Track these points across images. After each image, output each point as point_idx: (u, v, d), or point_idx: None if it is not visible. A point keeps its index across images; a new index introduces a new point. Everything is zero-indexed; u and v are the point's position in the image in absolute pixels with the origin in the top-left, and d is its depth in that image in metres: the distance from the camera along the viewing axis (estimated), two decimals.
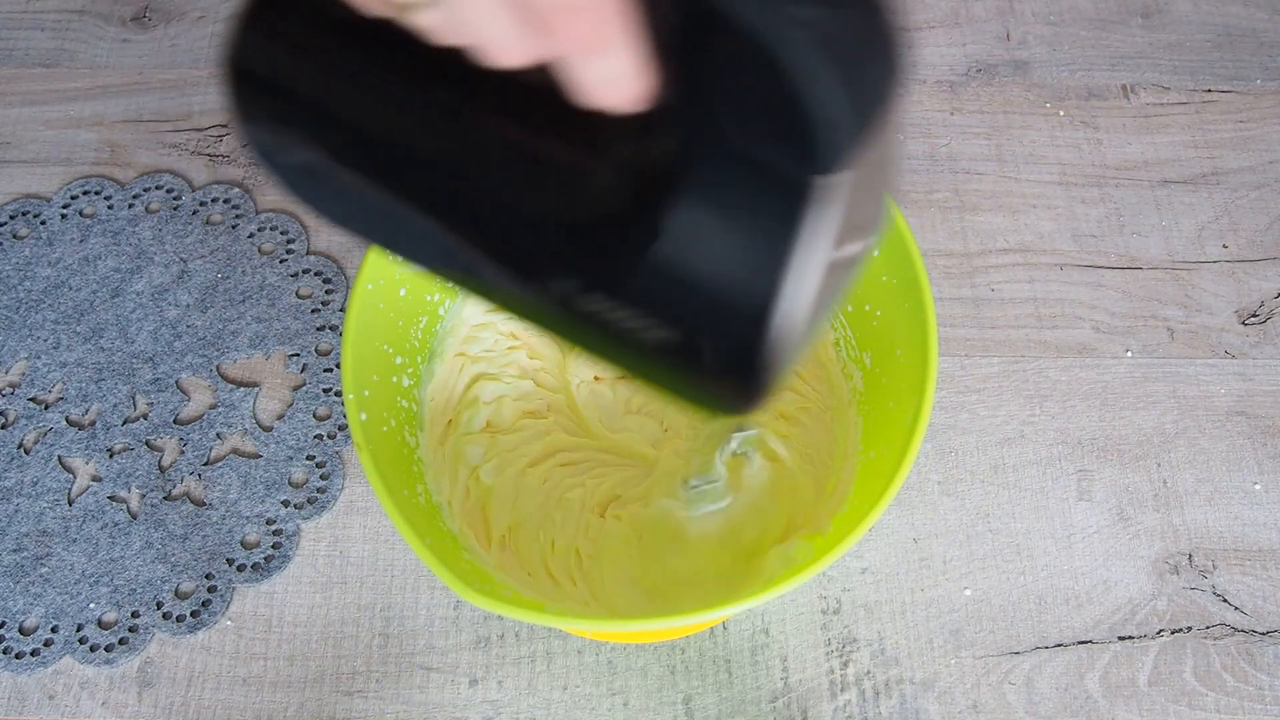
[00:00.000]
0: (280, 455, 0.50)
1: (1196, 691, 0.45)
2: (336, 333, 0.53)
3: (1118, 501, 0.49)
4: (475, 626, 0.46)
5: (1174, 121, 0.61)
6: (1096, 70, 0.63)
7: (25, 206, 0.57)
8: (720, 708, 0.45)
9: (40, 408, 0.51)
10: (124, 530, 0.48)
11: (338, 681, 0.45)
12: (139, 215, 0.56)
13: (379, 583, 0.47)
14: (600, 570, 0.42)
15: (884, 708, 0.45)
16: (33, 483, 0.49)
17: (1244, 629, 0.47)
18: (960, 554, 0.48)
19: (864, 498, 0.38)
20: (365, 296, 0.40)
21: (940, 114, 0.61)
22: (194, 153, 0.59)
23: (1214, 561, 0.48)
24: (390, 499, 0.35)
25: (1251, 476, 0.50)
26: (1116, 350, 0.53)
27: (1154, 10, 0.65)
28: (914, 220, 0.57)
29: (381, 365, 0.41)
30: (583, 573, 0.42)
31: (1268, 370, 0.53)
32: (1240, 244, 0.57)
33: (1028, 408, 0.52)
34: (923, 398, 0.37)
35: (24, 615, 0.46)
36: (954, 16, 0.65)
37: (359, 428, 0.37)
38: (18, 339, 0.53)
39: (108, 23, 0.64)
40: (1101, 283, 0.55)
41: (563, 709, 0.45)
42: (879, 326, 0.42)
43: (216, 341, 0.53)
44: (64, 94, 0.61)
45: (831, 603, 0.47)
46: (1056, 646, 0.46)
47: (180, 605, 0.46)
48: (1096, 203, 0.58)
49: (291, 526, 0.48)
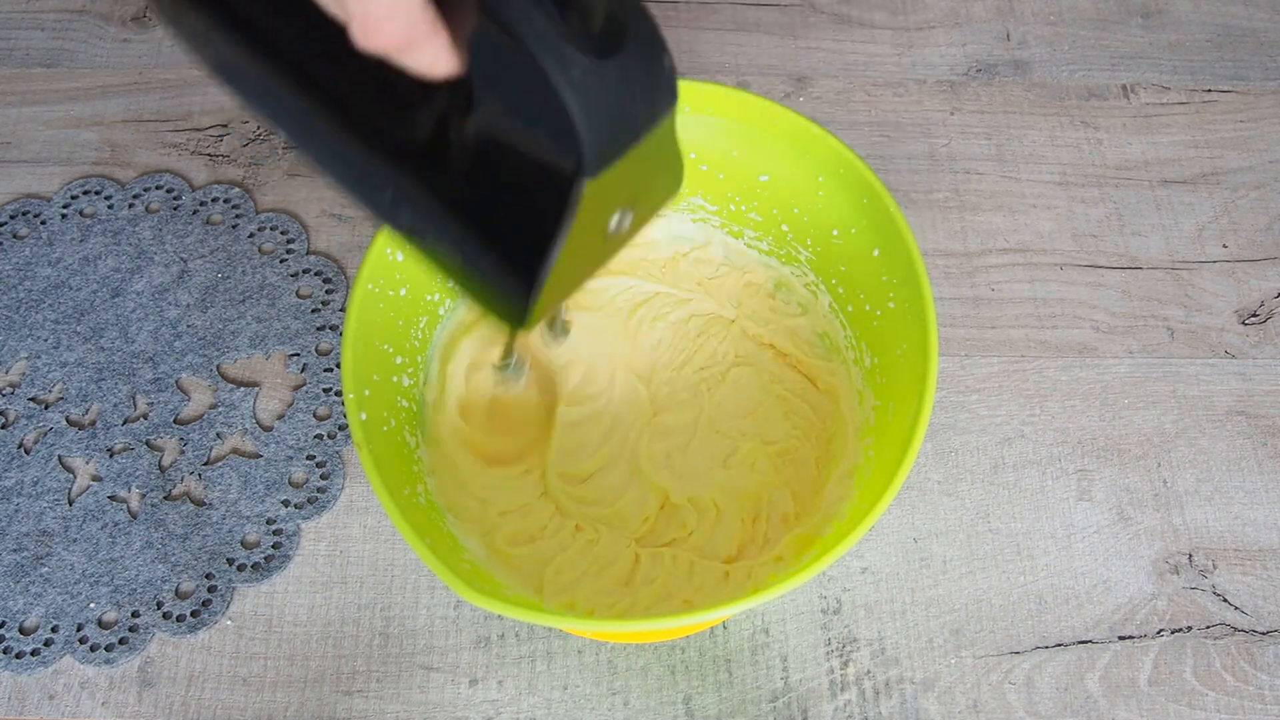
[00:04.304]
0: (280, 455, 0.50)
1: (1197, 691, 0.45)
2: (336, 332, 0.53)
3: (1118, 501, 0.49)
4: (475, 626, 0.46)
5: (1174, 121, 0.61)
6: (1096, 70, 0.63)
7: (25, 206, 0.57)
8: (720, 707, 0.45)
9: (40, 407, 0.51)
10: (124, 530, 0.48)
11: (338, 681, 0.45)
12: (139, 215, 0.56)
13: (379, 583, 0.47)
14: None
15: (884, 708, 0.45)
16: (33, 482, 0.49)
17: (1244, 629, 0.47)
18: (960, 554, 0.48)
19: (864, 498, 0.38)
20: (365, 296, 0.40)
21: (940, 114, 0.61)
22: (194, 153, 0.59)
23: (1214, 561, 0.48)
24: (390, 499, 0.35)
25: (1251, 476, 0.50)
26: (1116, 350, 0.53)
27: (1154, 10, 0.65)
28: (914, 220, 0.57)
29: (381, 365, 0.41)
30: None
31: (1268, 370, 0.53)
32: (1240, 244, 0.57)
33: (1028, 408, 0.52)
34: (923, 398, 0.37)
35: (24, 615, 0.46)
36: (954, 16, 0.65)
37: (359, 427, 0.37)
38: (18, 339, 0.53)
39: (108, 23, 0.64)
40: (1101, 283, 0.55)
41: (563, 709, 0.45)
42: (879, 326, 0.43)
43: (216, 341, 0.53)
44: (64, 94, 0.61)
45: (831, 603, 0.47)
46: (1056, 646, 0.46)
47: (180, 605, 0.46)
48: (1096, 203, 0.58)
49: (291, 526, 0.48)
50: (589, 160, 0.24)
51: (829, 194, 0.43)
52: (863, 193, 0.42)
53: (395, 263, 0.41)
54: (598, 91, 0.23)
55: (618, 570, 0.42)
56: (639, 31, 0.24)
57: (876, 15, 0.65)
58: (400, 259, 0.41)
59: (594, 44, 0.23)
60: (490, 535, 0.42)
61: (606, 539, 0.43)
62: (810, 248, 0.46)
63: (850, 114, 0.60)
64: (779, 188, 0.45)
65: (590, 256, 0.30)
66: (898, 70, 0.62)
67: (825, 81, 0.62)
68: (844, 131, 0.60)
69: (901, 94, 0.61)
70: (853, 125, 0.60)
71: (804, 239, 0.46)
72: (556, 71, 0.22)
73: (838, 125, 0.60)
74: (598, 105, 0.23)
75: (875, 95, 0.61)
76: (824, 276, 0.46)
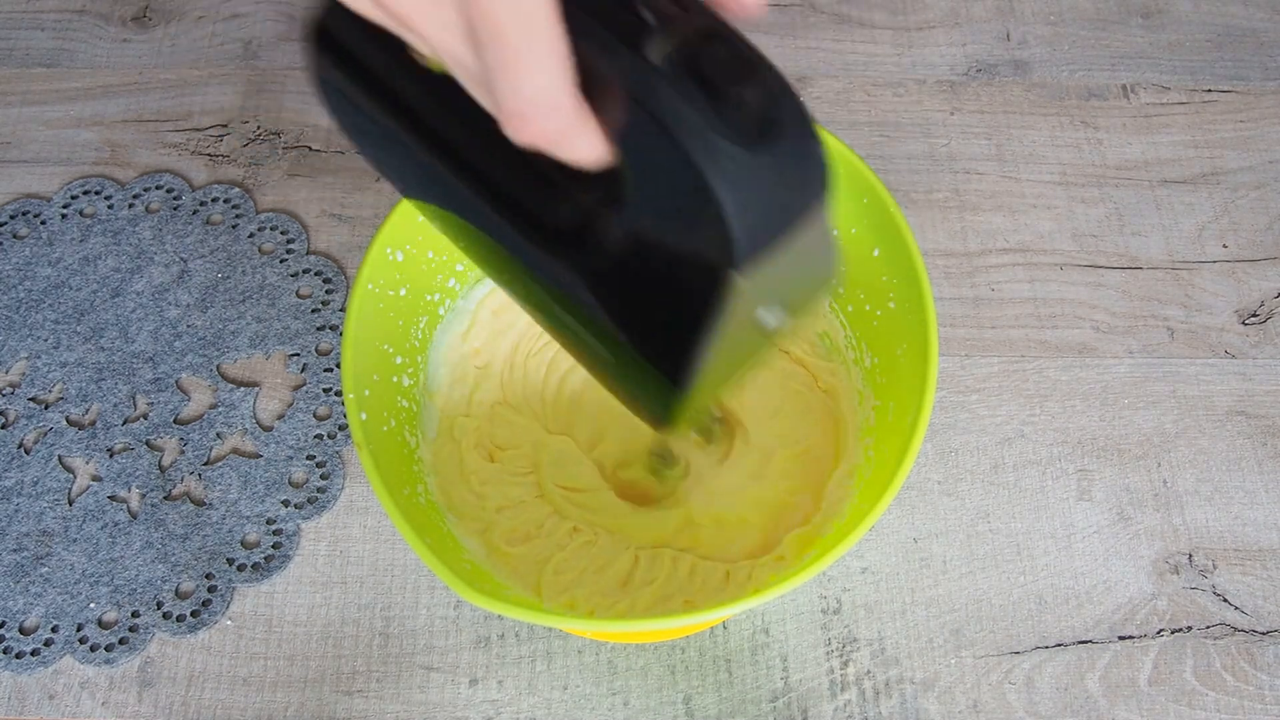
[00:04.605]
0: (280, 455, 0.50)
1: (1197, 691, 0.45)
2: (336, 332, 0.53)
3: (1118, 501, 0.49)
4: (475, 626, 0.46)
5: (1174, 121, 0.61)
6: (1096, 70, 0.63)
7: (25, 206, 0.57)
8: (720, 707, 0.45)
9: (40, 407, 0.51)
10: (124, 530, 0.48)
11: (338, 681, 0.45)
12: (139, 215, 0.56)
13: (379, 583, 0.47)
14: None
15: (884, 707, 0.45)
16: (33, 483, 0.49)
17: (1244, 629, 0.47)
18: (960, 554, 0.48)
19: (864, 498, 0.38)
20: (365, 296, 0.40)
21: (940, 114, 0.61)
22: (194, 153, 0.59)
23: (1214, 561, 0.48)
24: (390, 499, 0.35)
25: (1251, 476, 0.50)
26: (1116, 350, 0.53)
27: (1154, 10, 0.65)
28: (914, 220, 0.57)
29: (381, 365, 0.41)
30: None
31: (1268, 370, 0.53)
32: (1240, 244, 0.57)
33: (1028, 408, 0.52)
34: (923, 398, 0.37)
35: (24, 615, 0.46)
36: (954, 16, 0.65)
37: (359, 427, 0.37)
38: (18, 339, 0.53)
39: (108, 23, 0.64)
40: (1101, 283, 0.55)
41: (563, 709, 0.45)
42: (879, 326, 0.43)
43: (216, 341, 0.53)
44: (64, 94, 0.61)
45: (831, 603, 0.47)
46: (1056, 646, 0.46)
47: (180, 605, 0.46)
48: (1096, 203, 0.58)
49: (291, 526, 0.48)
50: (739, 253, 0.23)
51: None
52: (863, 193, 0.42)
53: (395, 263, 0.41)
54: (747, 183, 0.23)
55: (617, 570, 0.42)
56: (791, 122, 0.23)
57: (876, 15, 0.65)
58: (400, 259, 0.41)
59: (745, 135, 0.23)
60: (488, 533, 0.42)
61: (605, 540, 0.43)
62: None
63: (850, 114, 0.60)
64: None
65: (741, 354, 0.29)
66: (897, 70, 0.62)
67: (825, 81, 0.62)
68: (844, 131, 0.60)
69: (901, 94, 0.61)
70: (853, 125, 0.60)
71: None
72: (706, 162, 0.22)
73: (838, 125, 0.60)
74: (747, 197, 0.23)
75: (875, 95, 0.61)
76: None
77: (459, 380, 0.46)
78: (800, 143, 0.24)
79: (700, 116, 0.22)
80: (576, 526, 0.43)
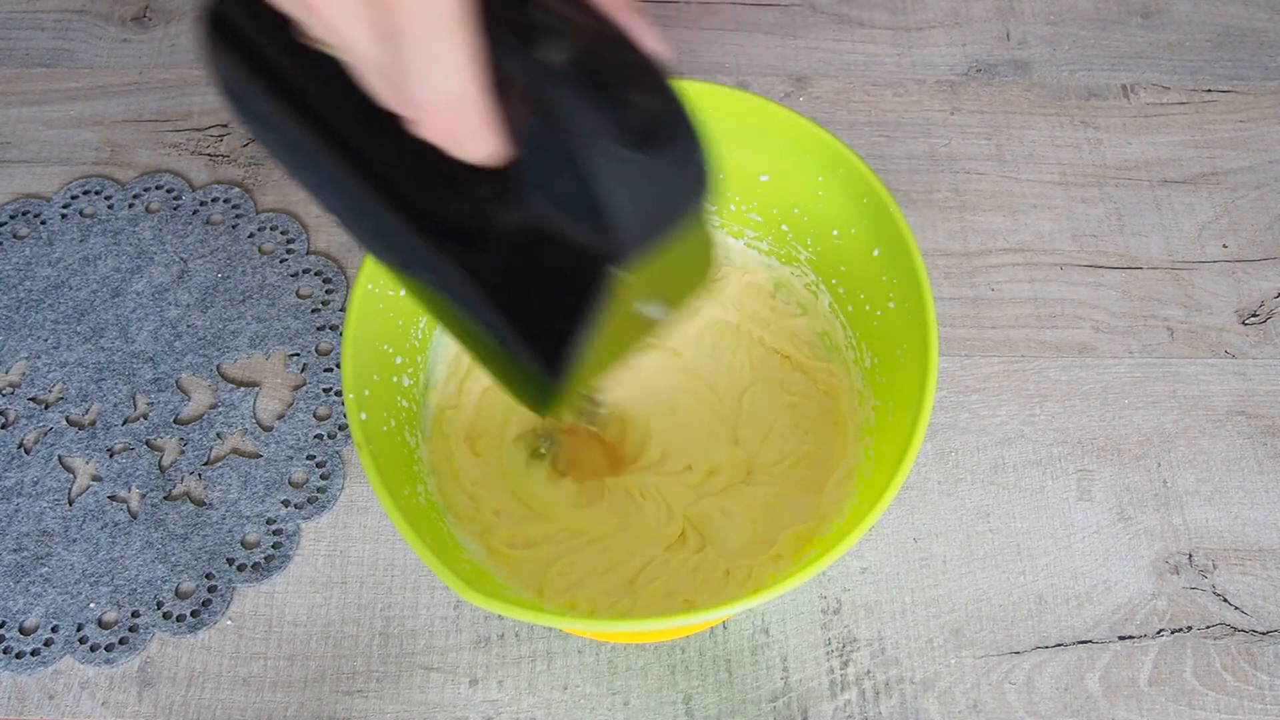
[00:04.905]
0: (280, 455, 0.50)
1: (1197, 691, 0.45)
2: (336, 332, 0.53)
3: (1118, 501, 0.49)
4: (475, 626, 0.46)
5: (1174, 121, 0.61)
6: (1096, 70, 0.63)
7: (25, 206, 0.57)
8: (720, 707, 0.45)
9: (40, 407, 0.51)
10: (124, 530, 0.48)
11: (338, 681, 0.45)
12: (139, 215, 0.56)
13: (379, 583, 0.47)
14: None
15: (884, 707, 0.45)
16: (33, 483, 0.49)
17: (1244, 629, 0.47)
18: (960, 554, 0.48)
19: (864, 498, 0.38)
20: (365, 296, 0.40)
21: (940, 114, 0.61)
22: (194, 152, 0.59)
23: (1214, 561, 0.48)
24: (390, 499, 0.35)
25: (1251, 476, 0.50)
26: (1116, 350, 0.53)
27: (1154, 10, 0.65)
28: (914, 220, 0.57)
29: (381, 365, 0.41)
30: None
31: (1268, 370, 0.53)
32: (1240, 244, 0.57)
33: (1028, 408, 0.52)
34: (923, 398, 0.37)
35: (24, 615, 0.46)
36: (954, 16, 0.65)
37: (359, 427, 0.37)
38: (18, 339, 0.53)
39: (108, 23, 0.64)
40: (1101, 283, 0.55)
41: (563, 709, 0.45)
42: (879, 326, 0.43)
43: (216, 341, 0.53)
44: (64, 94, 0.61)
45: (831, 603, 0.47)
46: (1056, 646, 0.46)
47: (180, 605, 0.46)
48: (1096, 203, 0.58)
49: (291, 526, 0.48)
50: (622, 249, 0.25)
51: (829, 194, 0.43)
52: (863, 193, 0.42)
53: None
54: (633, 183, 0.24)
55: (623, 573, 0.42)
56: (679, 126, 0.25)
57: (876, 15, 0.65)
58: None
59: (634, 138, 0.24)
60: (488, 535, 0.42)
61: (613, 542, 0.43)
62: (810, 248, 0.46)
63: (850, 114, 0.60)
64: (779, 188, 0.45)
65: (620, 343, 0.30)
66: (897, 70, 0.62)
67: (825, 81, 0.62)
68: (844, 131, 0.60)
69: (901, 94, 0.61)
70: (853, 125, 0.60)
71: (804, 239, 0.46)
72: (596, 162, 0.23)
73: (838, 125, 0.60)
74: (633, 196, 0.24)
75: (875, 95, 0.61)
76: (824, 276, 0.46)
77: (453, 374, 0.46)
78: (686, 147, 0.25)
79: (595, 118, 0.23)
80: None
